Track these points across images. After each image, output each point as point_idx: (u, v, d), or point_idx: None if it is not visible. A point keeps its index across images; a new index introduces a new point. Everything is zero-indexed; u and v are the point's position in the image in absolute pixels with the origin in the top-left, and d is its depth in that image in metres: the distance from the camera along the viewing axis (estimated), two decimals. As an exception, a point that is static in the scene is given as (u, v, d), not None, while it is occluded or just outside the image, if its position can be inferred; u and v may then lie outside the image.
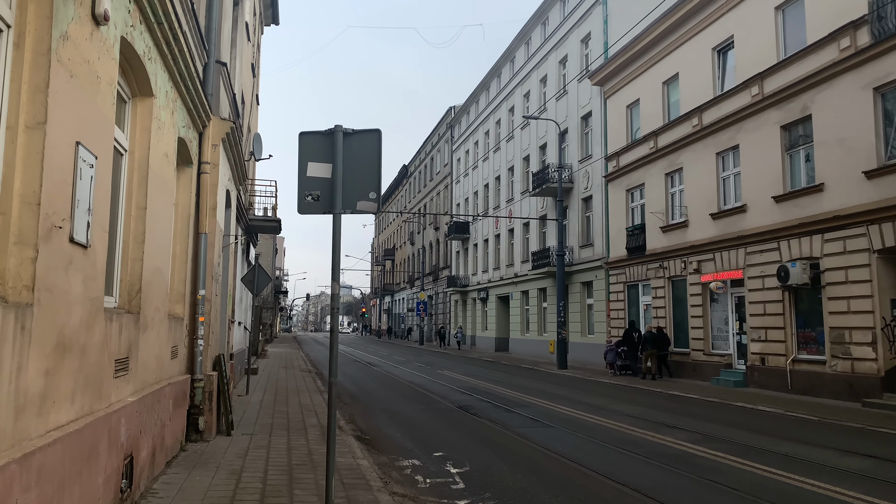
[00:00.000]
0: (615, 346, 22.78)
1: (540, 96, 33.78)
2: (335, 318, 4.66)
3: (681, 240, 21.14)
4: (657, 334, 20.91)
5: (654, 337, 20.78)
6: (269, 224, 18.95)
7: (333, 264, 4.69)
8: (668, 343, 21.10)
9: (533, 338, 33.49)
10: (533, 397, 15.59)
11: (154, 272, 6.61)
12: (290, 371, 22.93)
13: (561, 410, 13.33)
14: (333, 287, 4.63)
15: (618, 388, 18.38)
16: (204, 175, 9.14)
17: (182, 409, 8.34)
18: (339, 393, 16.70)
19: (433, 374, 22.90)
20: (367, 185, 4.78)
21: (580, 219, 28.44)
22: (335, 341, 4.65)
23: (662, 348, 20.76)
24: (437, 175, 55.34)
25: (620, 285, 24.80)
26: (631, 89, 24.80)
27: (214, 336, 9.91)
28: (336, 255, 4.73)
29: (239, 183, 13.06)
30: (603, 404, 14.53)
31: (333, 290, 4.60)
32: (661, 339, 20.87)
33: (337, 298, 4.65)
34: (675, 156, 21.62)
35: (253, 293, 15.22)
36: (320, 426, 10.72)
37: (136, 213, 6.15)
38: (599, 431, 10.76)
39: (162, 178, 6.84)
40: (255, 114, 21.50)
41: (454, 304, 48.90)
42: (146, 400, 6.19)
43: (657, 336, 20.84)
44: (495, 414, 12.78)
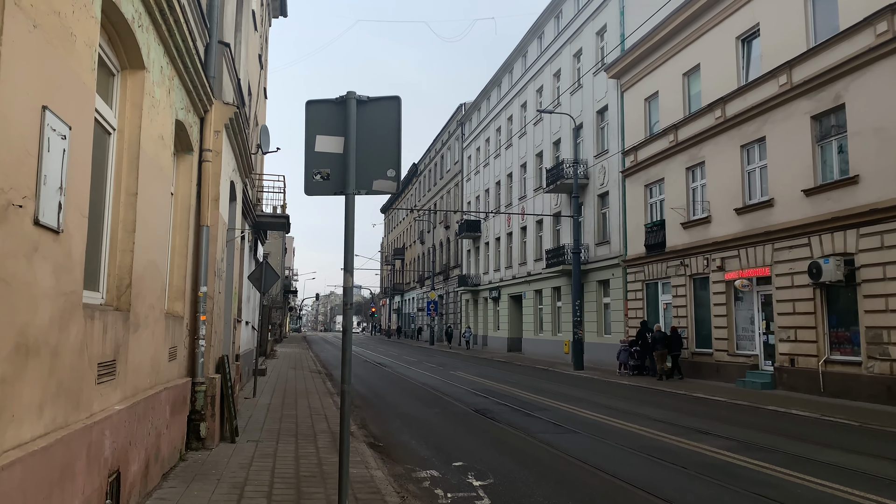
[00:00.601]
0: (628, 346, 22.39)
1: (553, 91, 33.05)
2: (348, 315, 4.01)
3: (703, 236, 20.36)
4: (669, 334, 20.46)
5: (666, 337, 20.34)
6: (277, 221, 18.33)
7: (346, 253, 4.03)
8: (681, 343, 20.57)
9: (547, 338, 32.76)
10: (552, 400, 14.90)
11: (147, 266, 5.98)
12: (300, 372, 22.34)
13: (583, 414, 12.64)
14: (346, 280, 3.97)
15: (639, 391, 17.65)
16: (206, 163, 8.52)
17: (182, 415, 7.72)
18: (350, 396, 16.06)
19: (446, 375, 22.25)
20: (385, 162, 4.12)
21: (596, 216, 27.69)
22: (349, 343, 4.00)
23: (675, 349, 20.29)
24: (448, 173, 54.68)
25: (639, 284, 24.04)
26: (649, 82, 24.03)
27: (217, 336, 9.29)
28: (349, 243, 4.07)
29: (245, 175, 12.44)
30: (626, 407, 13.82)
31: (346, 283, 3.95)
32: (674, 339, 20.38)
33: (350, 293, 4.00)
34: (697, 149, 20.85)
35: (260, 291, 14.62)
36: (331, 432, 10.08)
37: (126, 200, 5.53)
38: (628, 438, 10.05)
39: (157, 162, 6.22)
40: (262, 107, 20.91)
41: (465, 304, 48.22)
42: (138, 407, 5.56)
43: (669, 336, 20.38)
44: (515, 418, 12.10)
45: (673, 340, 20.31)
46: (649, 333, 21.46)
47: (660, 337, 20.43)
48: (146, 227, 5.89)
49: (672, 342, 20.28)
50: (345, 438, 4.19)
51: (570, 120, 30.14)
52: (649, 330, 21.67)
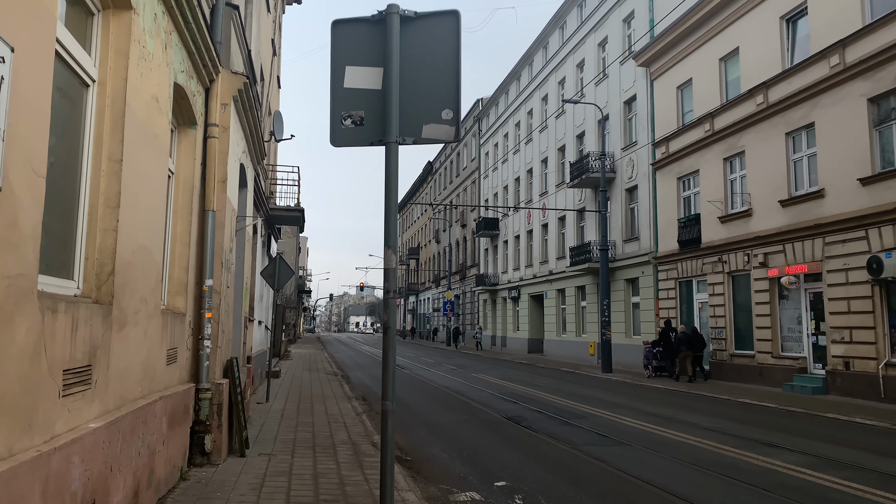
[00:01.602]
0: (652, 347, 21.82)
1: (576, 82, 31.85)
2: (390, 307, 2.94)
3: (743, 230, 19.12)
4: (692, 335, 19.80)
5: (689, 338, 19.70)
6: (291, 215, 17.34)
7: (387, 223, 2.96)
8: (704, 344, 19.94)
9: (570, 339, 31.56)
10: (587, 406, 13.76)
11: (137, 251, 4.95)
12: (315, 374, 21.35)
13: (626, 423, 11.49)
14: (387, 258, 2.91)
15: (677, 395, 16.45)
16: (211, 140, 7.50)
17: (183, 427, 6.69)
18: (370, 400, 15.03)
19: (468, 377, 21.15)
20: (439, 99, 3.04)
21: (623, 211, 26.46)
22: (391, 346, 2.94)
23: (698, 349, 19.70)
24: (464, 170, 53.56)
25: (671, 282, 22.80)
26: (681, 69, 22.79)
27: (226, 336, 8.27)
28: (391, 212, 3.00)
29: (257, 161, 11.42)
30: (670, 414, 12.66)
31: (387, 263, 2.89)
32: (697, 339, 19.72)
33: (393, 276, 2.93)
34: (736, 138, 19.60)
35: (274, 288, 13.61)
36: (351, 443, 9.03)
37: (109, 168, 4.49)
38: (687, 452, 8.91)
39: (149, 128, 5.19)
40: (276, 97, 19.94)
41: (483, 304, 47.09)
42: (123, 423, 4.52)
43: (692, 337, 19.73)
44: (553, 427, 10.98)
45: (695, 341, 19.68)
46: (673, 333, 20.90)
47: (684, 338, 19.83)
48: (135, 203, 4.86)
49: (694, 342, 19.65)
50: (387, 474, 3.11)
51: (594, 112, 28.95)
52: (673, 330, 21.10)
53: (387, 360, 3.02)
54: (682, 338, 19.96)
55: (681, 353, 19.78)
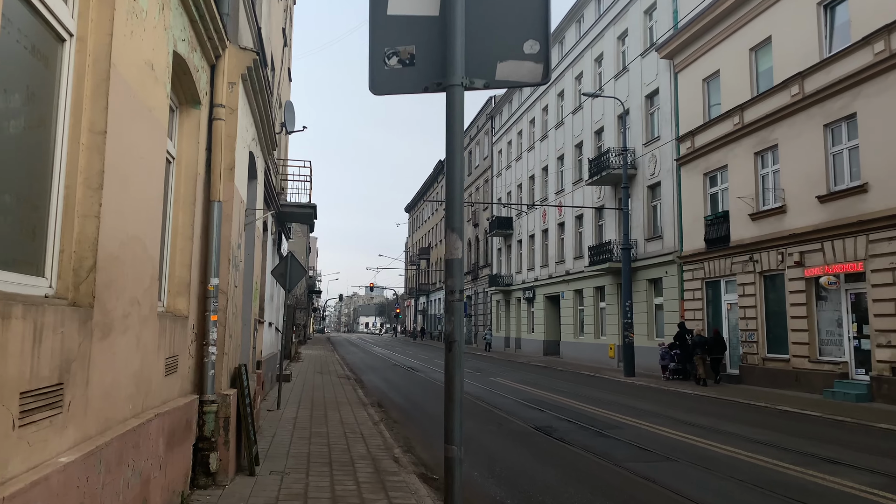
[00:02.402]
0: (668, 350, 21.47)
1: (595, 77, 30.94)
2: (456, 316, 2.12)
3: (776, 228, 18.17)
4: (710, 338, 19.48)
5: (705, 340, 19.42)
6: (303, 211, 16.58)
7: (450, 199, 2.15)
8: (724, 347, 19.54)
9: (588, 341, 30.63)
10: (618, 414, 12.90)
11: (127, 243, 4.15)
12: (327, 377, 20.59)
13: (666, 434, 10.62)
14: (449, 244, 2.09)
15: (713, 402, 15.54)
16: (217, 122, 6.71)
17: (184, 446, 5.89)
18: (386, 407, 14.23)
19: (486, 382, 20.31)
20: (521, 27, 2.22)
21: (645, 209, 25.52)
22: (457, 369, 2.13)
23: (717, 352, 19.36)
24: (476, 169, 52.73)
25: (697, 282, 21.86)
26: (708, 60, 21.86)
27: (233, 341, 7.47)
28: (455, 183, 2.18)
29: (267, 151, 10.63)
30: (709, 424, 11.77)
31: (450, 252, 2.07)
32: (716, 342, 19.35)
33: (459, 268, 2.11)
34: (768, 131, 18.66)
35: (285, 288, 12.83)
36: (371, 458, 8.22)
37: (90, 141, 3.70)
38: (742, 469, 8.03)
39: (142, 98, 4.39)
40: (287, 89, 19.20)
41: (496, 305, 46.22)
42: (106, 451, 3.72)
43: (710, 340, 19.40)
44: (588, 439, 10.12)
45: (714, 344, 19.32)
46: (688, 335, 20.50)
47: (699, 340, 19.50)
48: (123, 186, 4.06)
49: (713, 346, 19.30)
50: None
51: (614, 106, 28.06)
52: (688, 332, 20.71)
53: (451, 387, 2.22)
54: (697, 340, 19.62)
55: (696, 355, 19.42)
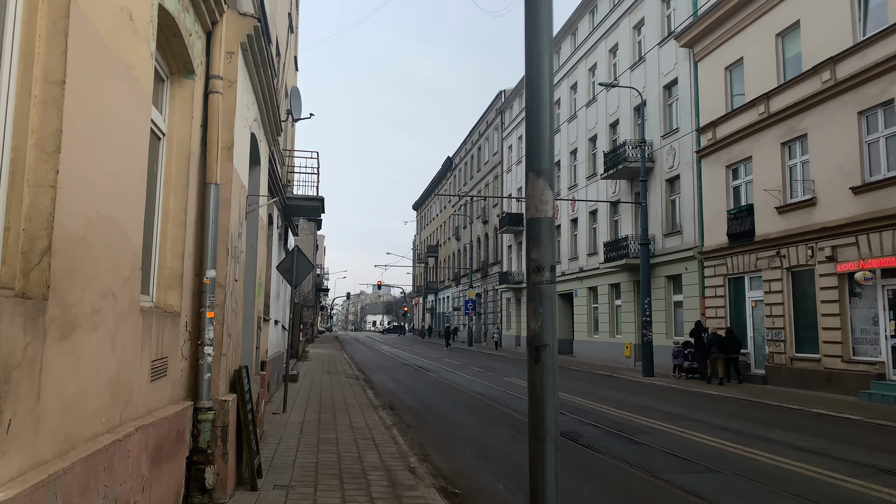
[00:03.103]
0: (682, 348, 21.09)
1: (609, 68, 30.08)
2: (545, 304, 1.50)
3: (805, 221, 17.32)
4: (725, 336, 19.06)
5: (721, 339, 18.99)
6: (310, 204, 15.84)
7: (534, 134, 1.40)
8: (739, 346, 19.13)
9: (603, 340, 29.81)
10: (644, 417, 12.12)
11: (96, 222, 3.42)
12: (335, 377, 19.89)
13: (701, 440, 9.84)
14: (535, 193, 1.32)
15: (743, 404, 14.72)
16: (214, 95, 5.98)
17: (175, 461, 5.16)
18: (398, 408, 13.51)
19: (500, 382, 19.56)
20: None
21: (664, 203, 24.67)
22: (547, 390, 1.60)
23: (732, 351, 18.95)
24: (486, 165, 51.92)
25: (720, 278, 21.02)
26: (731, 47, 21.00)
27: (233, 340, 6.75)
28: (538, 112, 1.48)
29: (272, 136, 9.87)
30: (745, 429, 10.98)
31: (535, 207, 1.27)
32: (731, 341, 18.98)
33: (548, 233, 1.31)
34: (797, 120, 17.80)
35: (291, 284, 12.11)
36: (385, 469, 7.48)
37: (44, 92, 2.97)
38: (796, 482, 7.25)
39: (116, 52, 3.65)
40: (293, 78, 18.47)
41: (506, 303, 45.41)
42: (66, 478, 2.99)
43: (725, 338, 18.99)
44: (618, 447, 9.35)
45: (729, 343, 18.93)
46: (704, 334, 20.08)
47: (714, 339, 19.11)
48: (90, 152, 3.33)
49: (728, 344, 18.91)
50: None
51: (630, 99, 27.24)
52: (704, 330, 20.29)
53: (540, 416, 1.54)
54: (712, 338, 19.21)
55: (711, 353, 19.07)
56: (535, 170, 1.40)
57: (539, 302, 1.55)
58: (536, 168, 1.41)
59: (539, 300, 1.55)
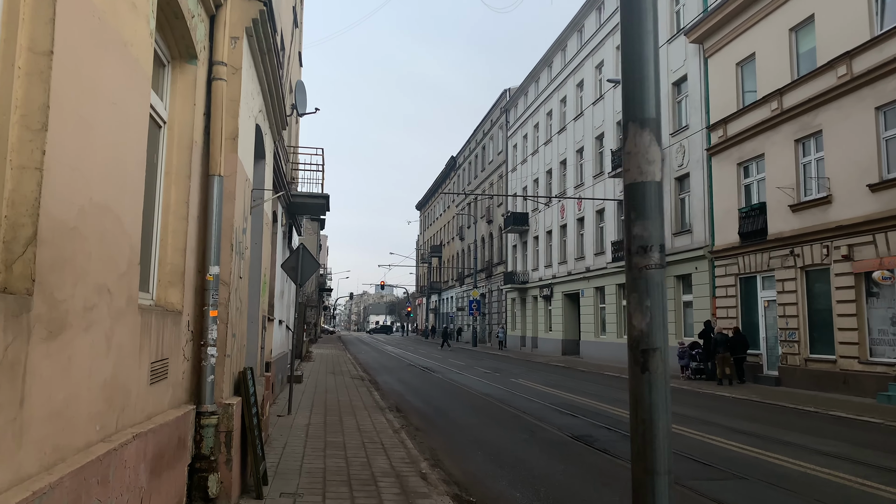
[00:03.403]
0: (689, 349, 20.95)
1: (616, 66, 29.73)
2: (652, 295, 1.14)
3: (820, 220, 16.97)
4: (732, 336, 19.01)
5: (728, 339, 18.93)
6: (315, 202, 15.55)
7: (633, 63, 1.09)
8: (746, 346, 18.95)
9: (610, 340, 29.48)
10: (660, 421, 11.76)
11: (89, 211, 3.11)
12: (340, 378, 19.59)
13: (720, 444, 9.51)
14: (637, 147, 1.03)
15: (756, 406, 14.37)
16: (218, 82, 5.66)
17: (177, 469, 4.85)
18: (405, 410, 13.20)
19: (507, 383, 19.23)
20: None
21: (673, 201, 24.34)
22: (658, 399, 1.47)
23: (739, 351, 18.84)
24: (490, 164, 51.60)
25: (731, 278, 20.67)
26: (742, 43, 20.65)
27: (238, 340, 6.44)
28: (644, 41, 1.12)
29: (277, 130, 9.57)
30: (762, 432, 10.64)
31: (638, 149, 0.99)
32: (738, 341, 18.87)
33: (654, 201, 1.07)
34: (811, 116, 17.45)
35: (296, 283, 11.80)
36: (395, 475, 7.17)
37: (29, 63, 2.66)
38: (828, 491, 6.91)
39: (112, 26, 3.34)
40: (297, 74, 18.16)
41: (511, 303, 45.08)
42: (54, 494, 2.67)
43: (732, 338, 18.93)
44: (635, 451, 9.02)
45: (736, 343, 18.84)
46: (711, 334, 20.02)
47: (722, 340, 19.01)
48: (84, 134, 3.02)
49: (736, 344, 18.81)
50: None
51: (638, 96, 26.85)
52: (712, 331, 20.21)
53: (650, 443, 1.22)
54: (719, 339, 19.13)
55: (718, 353, 18.99)
56: (638, 120, 1.09)
57: (645, 291, 1.24)
58: (640, 117, 1.10)
59: (645, 289, 1.24)
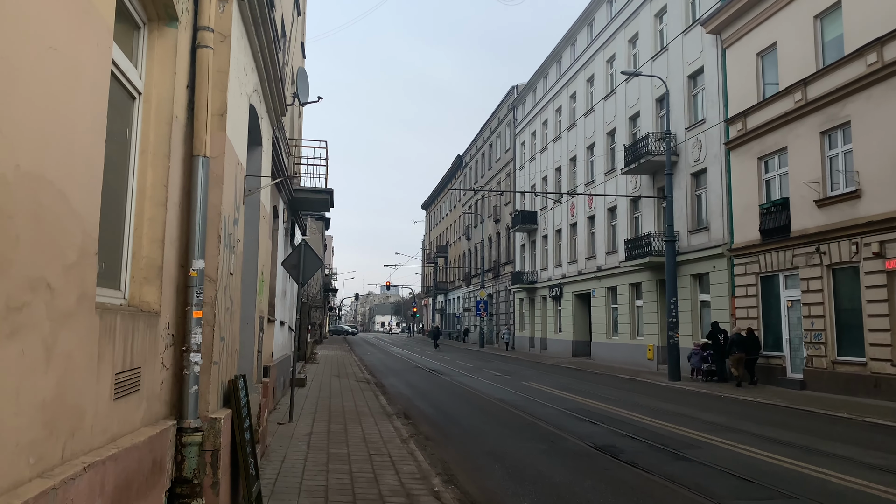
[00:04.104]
0: (700, 350, 20.51)
1: (628, 59, 28.94)
2: None
3: (849, 215, 16.15)
4: (746, 337, 18.66)
5: (743, 340, 18.58)
6: (318, 197, 14.84)
7: None
8: (759, 347, 18.80)
9: (623, 341, 28.66)
10: (686, 428, 11.01)
11: (13, 181, 2.38)
12: (345, 381, 18.87)
13: (759, 457, 8.73)
14: None
15: (784, 412, 13.58)
16: (203, 50, 4.93)
17: (150, 498, 4.12)
18: (413, 417, 12.47)
19: (518, 386, 18.48)
20: None
21: (689, 198, 23.51)
22: None
23: (751, 352, 18.58)
24: (497, 163, 50.84)
25: (751, 277, 19.85)
26: (762, 32, 19.84)
27: (228, 345, 5.71)
28: None
29: (276, 115, 8.81)
30: (802, 441, 9.86)
31: None
32: (751, 342, 18.63)
33: None
34: (838, 107, 16.63)
35: (298, 282, 11.08)
36: (405, 493, 6.44)
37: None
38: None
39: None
40: (299, 63, 17.47)
41: (519, 303, 44.30)
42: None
43: (746, 339, 18.60)
44: (667, 465, 8.25)
45: (750, 343, 18.57)
46: (721, 335, 19.97)
47: (737, 340, 18.66)
48: (8, 87, 2.30)
49: (749, 345, 18.53)
50: None
51: (651, 90, 26.17)
52: (721, 331, 20.13)
53: None
54: (735, 339, 18.78)
55: (733, 354, 18.62)
56: None
57: None
58: None
59: None
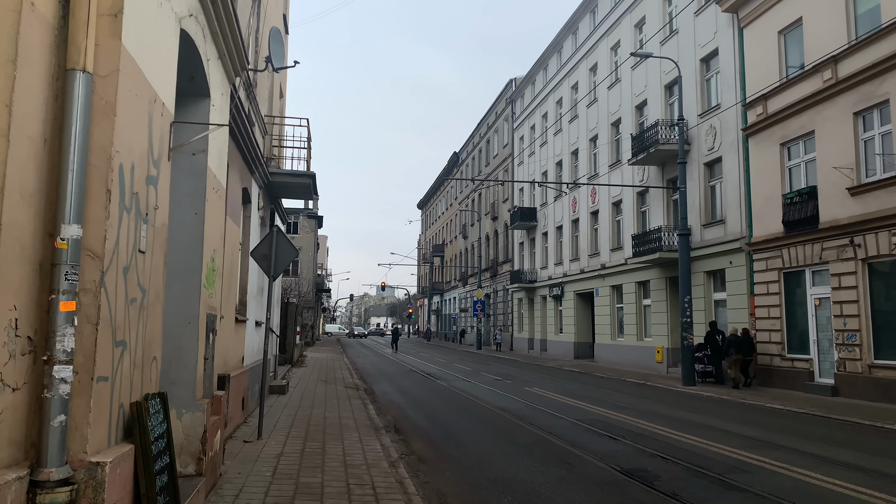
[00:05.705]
0: (696, 350, 19.48)
1: (634, 45, 27.33)
2: None
3: (887, 203, 14.60)
4: (742, 337, 18.16)
5: (739, 341, 18.06)
6: (298, 181, 13.20)
7: None
8: (753, 348, 18.31)
9: (629, 343, 27.06)
10: (724, 445, 9.41)
11: None
12: (332, 387, 17.21)
13: (827, 486, 7.14)
14: None
15: (827, 424, 12.01)
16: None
17: None
18: (405, 431, 10.83)
19: (521, 393, 16.87)
20: None
21: (702, 189, 21.95)
22: None
23: (747, 353, 18.04)
24: (495, 158, 49.26)
25: (773, 273, 18.28)
26: (785, 8, 18.29)
27: (133, 352, 4.07)
28: None
29: (232, 59, 7.08)
30: (871, 464, 8.29)
31: None
32: (747, 342, 18.15)
33: None
34: (874, 85, 15.09)
35: (269, 274, 9.45)
36: (389, 548, 4.78)
37: None
38: None
39: None
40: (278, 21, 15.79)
41: (517, 303, 42.69)
42: None
43: (742, 340, 18.11)
44: (718, 497, 6.65)
45: (745, 344, 18.05)
46: (719, 336, 19.26)
47: (734, 341, 18.05)
48: None
49: (745, 346, 18.00)
50: None
51: (659, 76, 24.66)
52: (719, 332, 19.43)
53: None
54: (731, 340, 18.19)
55: (731, 356, 17.95)
56: None
57: None
58: None
59: None
